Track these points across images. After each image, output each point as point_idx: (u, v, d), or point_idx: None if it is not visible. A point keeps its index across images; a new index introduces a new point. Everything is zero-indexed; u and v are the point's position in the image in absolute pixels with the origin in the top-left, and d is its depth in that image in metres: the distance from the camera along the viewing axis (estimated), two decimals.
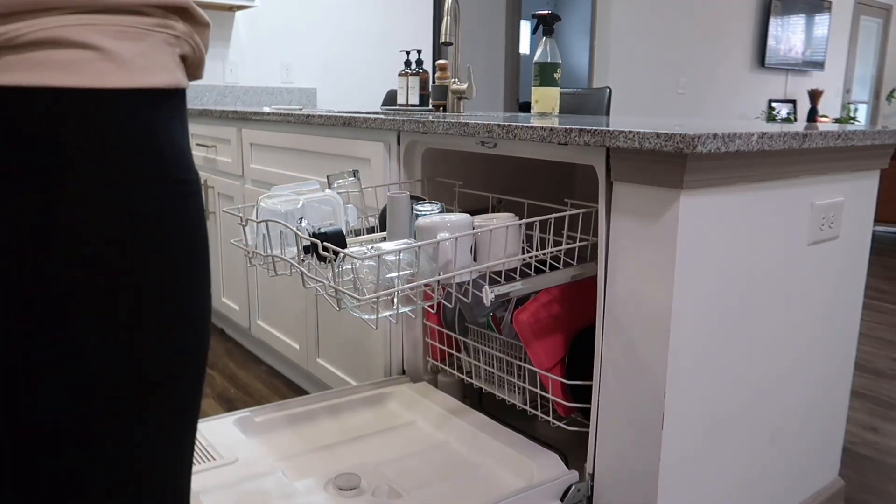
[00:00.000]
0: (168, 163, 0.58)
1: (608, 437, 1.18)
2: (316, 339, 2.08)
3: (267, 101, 3.72)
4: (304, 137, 1.99)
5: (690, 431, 1.15)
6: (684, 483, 1.16)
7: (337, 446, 1.35)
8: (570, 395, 1.32)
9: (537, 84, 1.72)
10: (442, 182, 1.63)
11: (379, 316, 1.14)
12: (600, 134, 1.07)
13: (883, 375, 2.51)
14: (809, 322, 1.37)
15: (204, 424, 1.37)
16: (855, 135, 1.25)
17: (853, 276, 1.47)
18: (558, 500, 1.19)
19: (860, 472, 1.83)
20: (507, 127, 1.23)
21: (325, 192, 1.39)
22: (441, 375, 1.68)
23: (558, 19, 1.73)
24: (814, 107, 6.64)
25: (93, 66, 0.53)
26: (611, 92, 2.31)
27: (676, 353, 1.08)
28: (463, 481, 1.24)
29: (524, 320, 1.28)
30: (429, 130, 1.43)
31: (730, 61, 5.93)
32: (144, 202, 0.56)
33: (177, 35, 0.60)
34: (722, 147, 0.99)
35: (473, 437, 1.36)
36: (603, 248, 1.14)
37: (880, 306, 3.40)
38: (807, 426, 1.44)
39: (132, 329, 0.56)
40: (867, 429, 2.08)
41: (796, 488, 1.46)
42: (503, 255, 1.22)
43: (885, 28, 7.83)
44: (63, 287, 0.53)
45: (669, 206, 1.04)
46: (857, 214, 1.42)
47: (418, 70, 2.46)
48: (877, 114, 8.00)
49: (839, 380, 1.51)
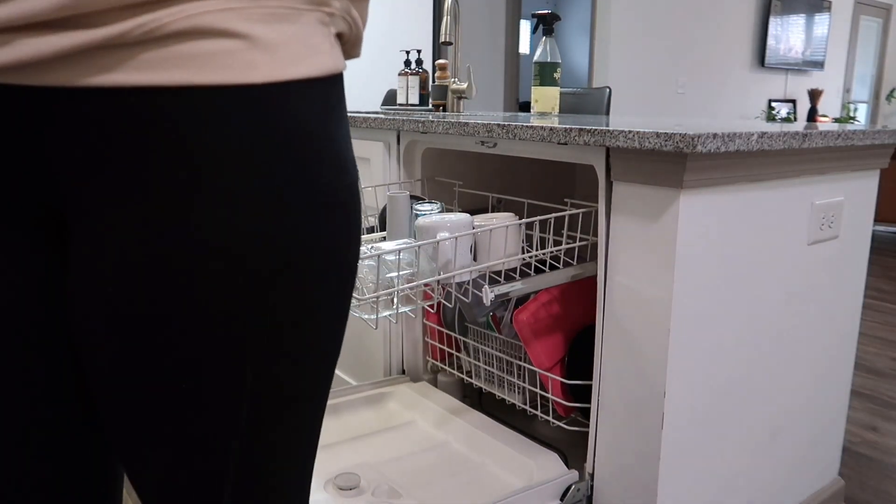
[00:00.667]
0: (321, 169, 0.52)
1: (608, 437, 1.18)
2: None
3: None
4: None
5: (690, 431, 1.15)
6: (684, 482, 1.16)
7: (337, 446, 1.35)
8: (569, 395, 1.32)
9: (537, 84, 1.72)
10: (442, 182, 1.63)
11: (379, 315, 1.14)
12: (600, 133, 1.07)
13: (883, 375, 2.51)
14: (809, 321, 1.37)
15: None
16: (855, 134, 1.25)
17: (853, 276, 1.47)
18: (558, 500, 1.19)
19: (860, 471, 1.83)
20: (506, 126, 1.23)
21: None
22: (441, 375, 1.68)
23: (558, 19, 1.73)
24: (814, 106, 6.64)
25: (239, 59, 0.46)
26: (610, 91, 2.31)
27: (676, 352, 1.08)
28: (463, 481, 1.24)
29: (524, 320, 1.28)
30: (428, 130, 1.42)
31: (730, 61, 5.93)
32: (287, 219, 0.50)
33: (332, 12, 0.53)
34: (722, 147, 0.99)
35: (473, 437, 1.36)
36: (603, 248, 1.14)
37: (880, 306, 3.40)
38: (806, 426, 1.44)
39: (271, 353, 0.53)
40: (867, 428, 2.08)
41: (796, 488, 1.46)
42: (503, 255, 1.22)
43: (885, 28, 7.83)
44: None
45: (669, 205, 1.04)
46: (857, 214, 1.42)
47: (418, 69, 2.46)
48: (876, 113, 8.00)
49: (839, 379, 1.51)
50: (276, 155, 0.48)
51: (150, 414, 0.52)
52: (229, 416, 0.52)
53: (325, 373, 0.58)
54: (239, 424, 0.53)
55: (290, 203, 0.49)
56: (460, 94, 2.14)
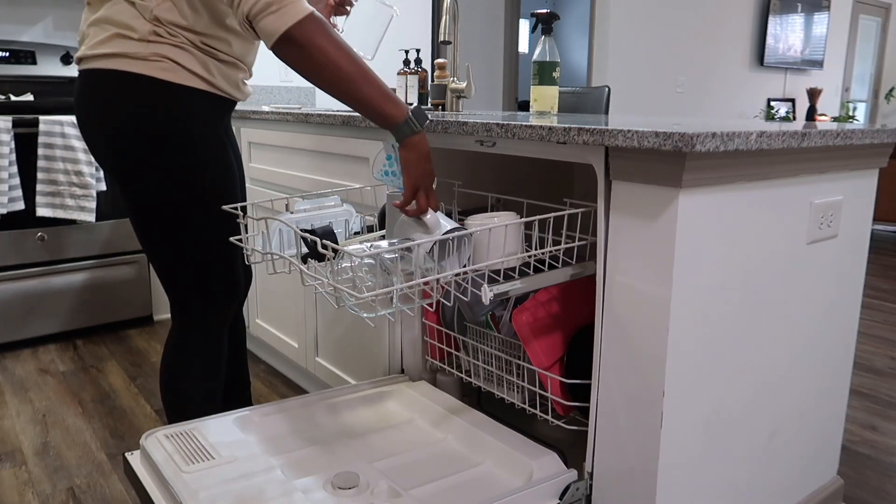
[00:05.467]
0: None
1: (607, 436, 1.18)
2: (315, 338, 2.08)
3: (266, 100, 3.72)
4: (303, 136, 1.98)
5: (689, 430, 1.15)
6: (683, 481, 1.16)
7: (336, 445, 1.35)
8: (568, 394, 1.32)
9: (536, 83, 1.72)
10: (441, 181, 1.62)
11: (378, 314, 1.14)
12: (599, 133, 1.07)
13: (882, 374, 2.51)
14: (808, 321, 1.37)
15: (203, 423, 1.37)
16: (854, 134, 1.25)
17: (852, 275, 1.47)
18: (557, 499, 1.19)
19: (859, 470, 1.83)
20: (505, 126, 1.23)
21: (343, 207, 1.44)
22: (440, 374, 1.68)
23: (557, 18, 1.73)
24: (813, 105, 6.64)
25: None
26: (610, 91, 2.31)
27: (675, 351, 1.08)
28: (462, 480, 1.24)
29: (523, 319, 1.28)
30: (428, 129, 1.42)
31: (729, 60, 5.93)
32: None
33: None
34: (721, 146, 0.99)
35: (472, 436, 1.36)
36: (602, 247, 1.14)
37: (879, 305, 3.40)
38: (806, 425, 1.44)
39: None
40: (866, 427, 2.08)
41: (795, 487, 1.46)
42: (502, 254, 1.22)
43: (884, 27, 7.83)
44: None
45: (668, 204, 1.04)
46: (856, 213, 1.42)
47: (417, 69, 2.46)
48: (875, 112, 8.00)
49: (838, 378, 1.52)
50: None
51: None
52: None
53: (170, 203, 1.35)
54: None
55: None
56: (459, 94, 2.14)
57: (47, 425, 2.06)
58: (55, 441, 1.96)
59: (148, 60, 1.25)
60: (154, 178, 1.30)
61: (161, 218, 1.33)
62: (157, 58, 1.25)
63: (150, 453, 1.24)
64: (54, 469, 1.81)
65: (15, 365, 2.53)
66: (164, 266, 1.39)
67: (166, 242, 1.36)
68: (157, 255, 1.38)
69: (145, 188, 1.31)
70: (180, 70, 1.27)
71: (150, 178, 1.30)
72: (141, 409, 2.17)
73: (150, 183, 1.30)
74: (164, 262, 1.39)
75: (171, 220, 1.33)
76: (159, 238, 1.36)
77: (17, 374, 2.44)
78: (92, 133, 1.31)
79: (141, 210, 1.34)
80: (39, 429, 2.04)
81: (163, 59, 1.25)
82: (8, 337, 2.66)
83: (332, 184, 1.87)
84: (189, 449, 1.27)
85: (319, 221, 1.37)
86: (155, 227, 1.34)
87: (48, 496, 1.69)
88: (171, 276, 1.40)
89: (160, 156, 1.29)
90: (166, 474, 1.17)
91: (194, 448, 1.27)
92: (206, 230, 1.36)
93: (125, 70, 1.25)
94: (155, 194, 1.31)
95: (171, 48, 1.26)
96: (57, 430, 2.03)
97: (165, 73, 1.26)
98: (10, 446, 1.94)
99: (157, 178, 1.30)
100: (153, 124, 1.27)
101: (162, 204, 1.32)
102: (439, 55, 4.30)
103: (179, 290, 1.41)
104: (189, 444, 1.29)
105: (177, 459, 1.23)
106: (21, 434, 2.01)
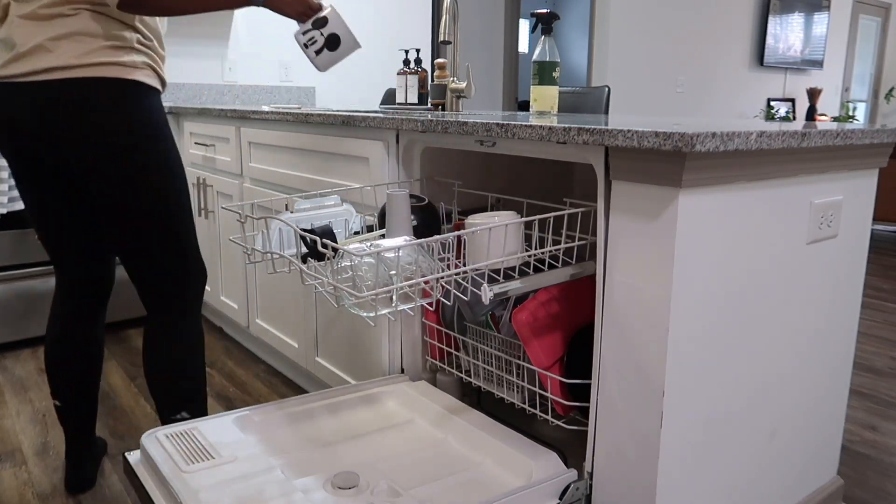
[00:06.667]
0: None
1: (607, 436, 1.18)
2: (315, 338, 2.08)
3: (266, 99, 3.72)
4: (302, 136, 1.98)
5: (689, 430, 1.15)
6: (683, 481, 1.16)
7: (336, 445, 1.35)
8: (568, 394, 1.32)
9: (536, 83, 1.72)
10: (441, 181, 1.63)
11: (378, 313, 1.14)
12: (599, 133, 1.07)
13: (882, 374, 2.51)
14: (808, 321, 1.37)
15: (203, 423, 1.37)
16: (853, 133, 1.25)
17: (852, 275, 1.47)
18: (557, 499, 1.19)
19: (859, 470, 1.83)
20: (505, 126, 1.23)
21: (343, 207, 1.46)
22: (440, 374, 1.68)
23: (557, 18, 1.73)
24: (812, 105, 6.64)
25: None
26: (609, 90, 2.31)
27: (675, 351, 1.08)
28: (461, 480, 1.24)
29: (523, 319, 1.28)
30: (427, 129, 1.42)
31: (729, 60, 5.93)
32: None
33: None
34: (720, 146, 0.99)
35: (472, 436, 1.36)
36: (602, 247, 1.14)
37: (879, 305, 3.41)
38: (806, 424, 1.44)
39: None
40: (866, 427, 2.08)
41: (795, 487, 1.46)
42: (502, 254, 1.22)
43: (884, 27, 7.83)
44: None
45: (668, 204, 1.04)
46: (856, 213, 1.42)
47: (417, 69, 2.46)
48: (875, 112, 8.00)
49: (838, 378, 1.52)
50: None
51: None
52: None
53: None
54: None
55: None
56: (459, 93, 2.14)
57: (47, 425, 2.06)
58: (55, 441, 1.96)
59: (137, 68, 1.40)
60: (153, 173, 1.42)
61: (164, 207, 1.45)
62: (143, 65, 1.42)
63: (150, 453, 1.24)
64: (54, 469, 1.81)
65: (15, 365, 2.53)
66: (161, 258, 1.48)
67: (167, 230, 1.47)
68: (155, 250, 1.47)
69: (147, 185, 1.42)
70: (152, 72, 1.45)
71: (151, 173, 1.42)
72: (141, 409, 2.17)
73: (151, 177, 1.42)
74: (162, 254, 1.48)
75: (173, 207, 1.47)
76: (161, 228, 1.46)
77: (17, 374, 2.44)
78: (88, 136, 1.37)
79: (140, 208, 1.43)
80: (39, 429, 2.04)
81: (145, 66, 1.43)
82: (8, 337, 2.66)
83: (332, 184, 1.87)
84: (189, 449, 1.27)
85: (319, 221, 1.37)
86: (156, 218, 1.45)
87: (48, 496, 1.69)
88: (167, 266, 1.49)
89: (158, 149, 1.43)
90: (166, 474, 1.17)
91: (194, 448, 1.27)
92: (190, 213, 1.52)
93: (125, 78, 1.39)
94: (158, 187, 1.43)
95: (146, 54, 1.44)
96: (57, 430, 2.03)
97: (150, 79, 1.43)
98: (10, 446, 1.94)
99: (158, 173, 1.43)
100: (151, 123, 1.42)
101: (165, 194, 1.45)
102: (439, 55, 4.30)
103: (175, 277, 1.51)
104: (189, 443, 1.29)
105: (176, 459, 1.23)
106: (21, 434, 2.01)
